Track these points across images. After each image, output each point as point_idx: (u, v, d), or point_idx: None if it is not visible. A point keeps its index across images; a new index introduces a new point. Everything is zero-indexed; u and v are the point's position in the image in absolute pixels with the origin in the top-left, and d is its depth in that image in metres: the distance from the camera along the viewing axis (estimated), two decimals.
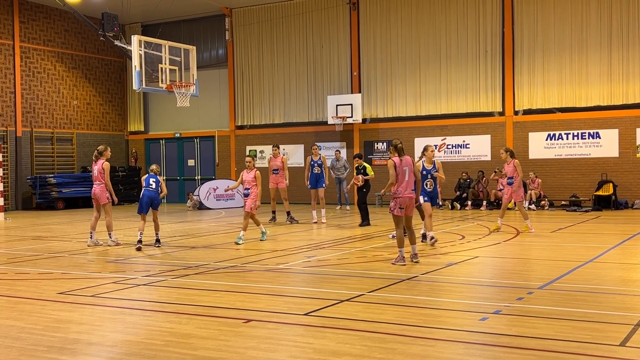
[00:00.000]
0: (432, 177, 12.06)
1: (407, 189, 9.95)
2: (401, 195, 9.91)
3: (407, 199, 9.95)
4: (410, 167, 10.09)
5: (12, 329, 6.46)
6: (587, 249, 11.63)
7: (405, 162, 10.02)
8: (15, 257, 11.85)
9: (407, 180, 9.97)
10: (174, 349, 5.68)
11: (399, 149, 10.09)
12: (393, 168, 9.87)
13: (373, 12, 24.53)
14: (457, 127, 23.27)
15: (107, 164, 13.14)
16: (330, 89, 25.22)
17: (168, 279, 9.24)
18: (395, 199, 9.96)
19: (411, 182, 10.06)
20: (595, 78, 21.37)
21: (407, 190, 9.95)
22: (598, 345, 5.51)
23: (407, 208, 10.02)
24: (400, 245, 10.00)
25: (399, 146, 10.09)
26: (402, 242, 10.04)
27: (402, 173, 9.96)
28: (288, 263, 10.48)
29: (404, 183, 9.94)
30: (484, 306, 7.14)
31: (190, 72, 18.57)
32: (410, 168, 10.08)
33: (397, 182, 9.92)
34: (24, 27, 25.42)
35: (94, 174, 13.17)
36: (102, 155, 13.13)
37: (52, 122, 26.43)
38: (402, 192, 9.92)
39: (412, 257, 10.11)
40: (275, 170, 17.36)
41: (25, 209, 25.08)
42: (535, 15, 22.17)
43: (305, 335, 6.09)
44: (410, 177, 10.04)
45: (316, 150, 17.82)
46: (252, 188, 13.26)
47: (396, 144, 10.11)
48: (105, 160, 13.13)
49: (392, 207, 10.03)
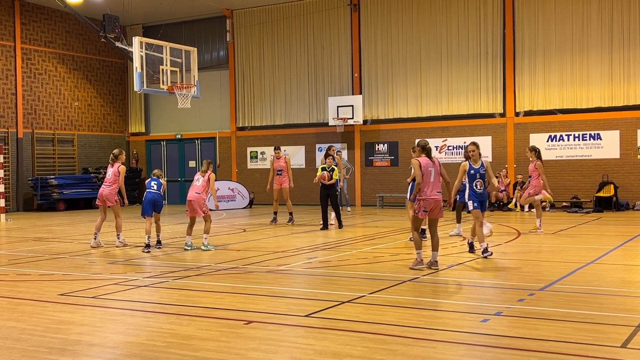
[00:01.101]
0: (481, 177, 10.93)
1: (433, 190, 9.58)
2: (426, 197, 9.55)
3: (432, 201, 9.55)
4: (436, 168, 9.70)
5: (13, 331, 6.46)
6: (588, 251, 11.62)
7: (430, 163, 9.62)
8: (16, 258, 11.86)
9: (432, 182, 9.59)
10: (175, 350, 5.68)
11: (427, 149, 9.75)
12: (418, 168, 9.63)
13: (374, 14, 24.54)
14: (458, 129, 23.27)
15: (123, 167, 13.40)
16: (331, 90, 25.22)
17: (169, 280, 9.24)
18: (420, 200, 9.58)
19: (437, 183, 9.66)
20: (596, 79, 21.36)
21: (432, 192, 9.56)
22: (599, 347, 5.51)
23: (433, 211, 9.62)
24: (418, 248, 9.66)
25: (427, 146, 9.76)
26: (420, 244, 9.70)
27: (427, 174, 9.56)
28: (289, 264, 10.47)
29: (430, 185, 9.56)
30: (485, 308, 7.14)
31: (191, 73, 18.57)
32: (436, 169, 9.69)
33: (422, 183, 9.53)
34: (25, 29, 25.45)
35: (107, 176, 13.33)
36: (117, 158, 13.40)
37: (53, 124, 26.45)
38: (427, 194, 9.53)
39: (431, 264, 9.61)
40: (279, 171, 17.41)
41: (26, 210, 25.09)
42: (536, 16, 22.17)
43: (307, 337, 6.09)
44: (436, 178, 9.64)
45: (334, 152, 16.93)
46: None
47: (424, 144, 9.76)
48: (121, 164, 13.33)
49: (417, 209, 9.62)
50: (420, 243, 9.75)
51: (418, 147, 9.93)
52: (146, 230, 12.45)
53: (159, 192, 12.74)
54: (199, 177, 12.61)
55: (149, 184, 12.80)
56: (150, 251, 12.23)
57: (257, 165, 26.86)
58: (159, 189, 12.77)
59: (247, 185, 25.69)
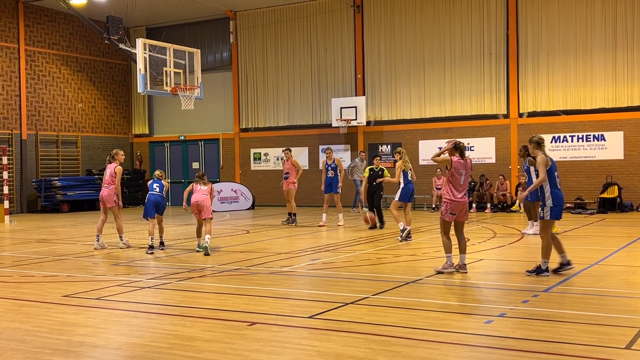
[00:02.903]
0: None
1: (462, 193, 9.29)
2: (455, 199, 9.25)
3: (461, 204, 9.29)
4: (468, 169, 9.39)
5: (17, 332, 6.47)
6: (592, 252, 11.60)
7: (462, 164, 9.30)
8: (20, 259, 11.87)
9: (462, 184, 9.34)
10: (179, 351, 5.68)
11: (460, 148, 9.38)
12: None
13: (377, 15, 24.54)
14: (462, 130, 23.24)
15: (120, 168, 13.33)
16: (334, 91, 25.22)
17: (172, 281, 9.25)
18: (447, 203, 9.29)
19: (466, 185, 9.42)
20: (600, 80, 21.32)
21: (461, 195, 9.28)
22: (604, 348, 5.49)
23: (460, 214, 9.38)
24: (448, 251, 9.37)
25: (460, 145, 9.40)
26: (450, 247, 9.41)
27: (458, 176, 9.28)
28: (292, 266, 10.47)
29: (460, 187, 9.27)
30: (489, 309, 7.12)
31: (195, 75, 18.58)
32: (467, 171, 9.39)
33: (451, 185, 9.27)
34: (29, 31, 25.50)
35: (105, 177, 13.29)
36: (114, 159, 13.36)
37: (57, 125, 26.49)
38: (456, 197, 9.24)
39: (460, 268, 9.38)
40: (286, 173, 17.56)
41: (30, 212, 25.14)
42: (540, 17, 22.15)
43: (310, 338, 6.09)
44: (465, 180, 9.41)
45: (330, 153, 17.62)
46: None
47: (457, 144, 9.40)
48: (119, 164, 13.26)
49: (443, 211, 9.32)
50: (450, 246, 9.42)
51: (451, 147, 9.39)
52: (149, 232, 12.47)
53: (162, 194, 12.75)
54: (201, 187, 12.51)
55: (151, 186, 12.82)
56: (153, 252, 12.24)
57: (261, 166, 26.86)
58: (162, 190, 12.78)
59: (251, 186, 25.70)
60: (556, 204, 9.18)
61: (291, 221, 17.55)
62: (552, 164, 9.29)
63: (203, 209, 12.23)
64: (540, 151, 9.33)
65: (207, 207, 12.26)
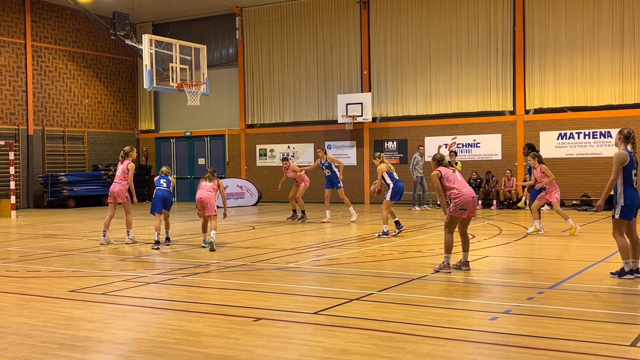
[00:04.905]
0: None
1: (467, 187, 9.21)
2: (463, 194, 9.08)
3: (470, 199, 9.10)
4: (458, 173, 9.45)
5: (23, 327, 6.50)
6: (598, 249, 11.57)
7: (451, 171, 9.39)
8: (26, 254, 11.93)
9: (461, 180, 9.32)
10: (184, 346, 5.70)
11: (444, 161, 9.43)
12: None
13: (383, 11, 24.50)
14: (468, 126, 23.20)
15: (132, 165, 13.41)
16: (340, 88, 25.20)
17: (178, 277, 9.27)
18: (456, 199, 9.08)
19: (465, 182, 9.40)
20: (607, 77, 21.24)
21: (468, 190, 9.18)
22: (609, 346, 5.49)
23: (470, 209, 9.14)
24: (448, 251, 9.18)
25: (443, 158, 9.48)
26: (451, 247, 9.20)
27: (453, 177, 9.28)
28: (298, 262, 10.48)
29: (462, 183, 9.25)
30: (494, 306, 7.12)
31: (201, 71, 18.60)
32: (458, 174, 9.42)
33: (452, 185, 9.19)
34: (36, 26, 25.56)
35: (117, 173, 13.39)
36: (128, 156, 13.43)
37: (63, 121, 26.57)
38: (464, 192, 9.09)
39: (463, 265, 9.31)
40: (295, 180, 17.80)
41: (36, 207, 25.23)
42: (547, 13, 22.06)
43: (315, 334, 6.10)
44: (462, 179, 9.40)
45: (320, 152, 17.33)
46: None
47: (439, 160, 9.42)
48: (131, 161, 13.36)
49: (452, 208, 9.09)
50: (452, 246, 9.25)
51: (433, 161, 9.52)
52: (156, 227, 12.50)
53: (169, 190, 12.81)
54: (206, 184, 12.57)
55: (158, 182, 12.88)
56: (159, 248, 12.28)
57: (267, 162, 26.88)
58: (169, 186, 12.84)
59: (256, 182, 25.72)
60: (628, 204, 8.43)
61: (299, 218, 17.58)
62: (629, 161, 8.58)
63: (207, 205, 12.26)
64: (624, 145, 8.74)
65: (211, 204, 12.29)
